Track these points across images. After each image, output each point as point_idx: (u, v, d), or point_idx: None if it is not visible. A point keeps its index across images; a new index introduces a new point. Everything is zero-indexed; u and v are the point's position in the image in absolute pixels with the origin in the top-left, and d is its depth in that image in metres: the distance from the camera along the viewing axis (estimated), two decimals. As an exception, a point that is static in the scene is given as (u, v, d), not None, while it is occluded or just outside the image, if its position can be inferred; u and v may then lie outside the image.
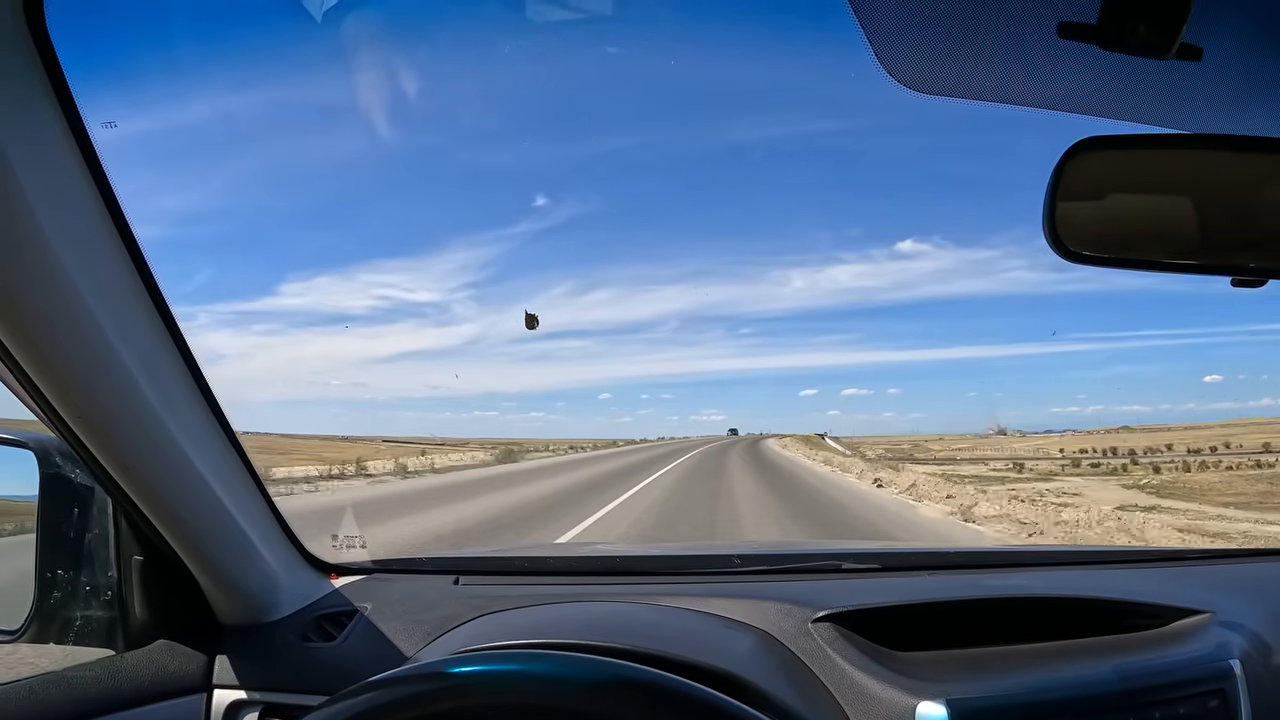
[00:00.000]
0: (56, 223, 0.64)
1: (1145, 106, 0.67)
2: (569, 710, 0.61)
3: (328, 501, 9.85)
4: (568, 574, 1.15)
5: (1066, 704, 0.82)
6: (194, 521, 0.87)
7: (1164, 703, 0.84)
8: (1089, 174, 0.61)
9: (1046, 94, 0.66)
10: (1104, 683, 0.84)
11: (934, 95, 0.62)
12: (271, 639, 0.97)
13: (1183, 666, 0.88)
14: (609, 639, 0.84)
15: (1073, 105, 0.67)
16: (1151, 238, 0.62)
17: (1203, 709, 0.85)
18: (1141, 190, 0.63)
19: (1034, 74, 0.64)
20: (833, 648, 0.88)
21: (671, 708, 0.59)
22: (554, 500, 9.53)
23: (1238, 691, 0.86)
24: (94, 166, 0.69)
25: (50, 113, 0.65)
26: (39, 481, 0.93)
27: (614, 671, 0.62)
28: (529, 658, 0.67)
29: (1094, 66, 0.65)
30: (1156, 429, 39.75)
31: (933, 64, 0.61)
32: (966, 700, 0.80)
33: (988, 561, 1.24)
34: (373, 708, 0.61)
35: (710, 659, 0.81)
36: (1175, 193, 0.62)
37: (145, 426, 0.78)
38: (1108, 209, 0.62)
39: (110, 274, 0.73)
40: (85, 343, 0.69)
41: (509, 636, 0.88)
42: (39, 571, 0.93)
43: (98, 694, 0.85)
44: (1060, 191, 0.60)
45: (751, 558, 1.16)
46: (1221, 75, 0.65)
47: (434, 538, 6.35)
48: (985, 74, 0.63)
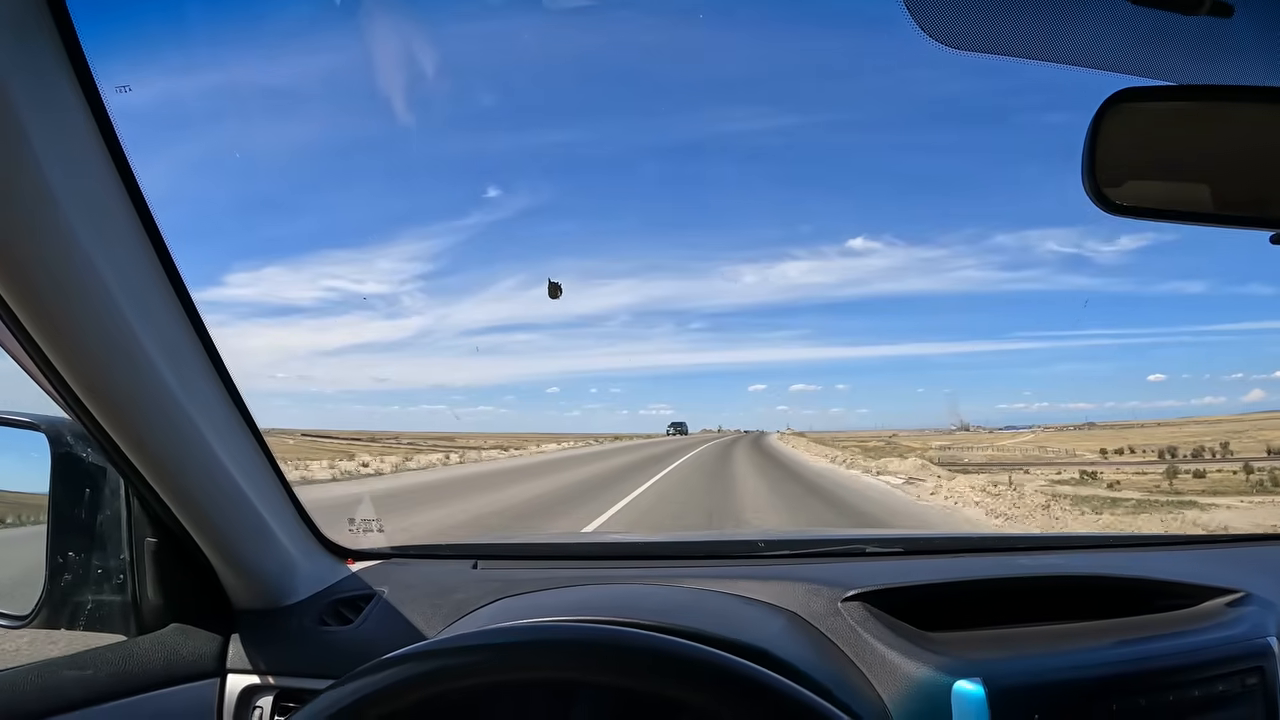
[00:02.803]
0: (75, 199, 0.63)
1: (1176, 64, 0.66)
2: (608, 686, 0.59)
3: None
4: (588, 559, 1.14)
5: (1105, 682, 0.80)
6: (209, 503, 0.85)
7: (1202, 681, 0.82)
8: (1128, 126, 0.60)
9: (1078, 50, 0.65)
10: (1142, 661, 0.82)
11: (965, 51, 0.62)
12: (287, 623, 0.95)
13: (1220, 645, 0.86)
14: (641, 618, 0.82)
15: (1103, 62, 0.66)
16: (1191, 191, 0.61)
17: (1241, 686, 0.83)
18: (1180, 143, 0.62)
19: (1066, 29, 0.64)
20: (863, 627, 0.87)
21: (727, 686, 0.57)
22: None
23: (1276, 669, 0.85)
24: (112, 144, 0.68)
25: (69, 89, 0.64)
26: (50, 464, 0.92)
27: (669, 648, 0.59)
28: (578, 630, 0.63)
29: (1125, 22, 0.65)
30: (1129, 425, 39.65)
31: (964, 17, 0.60)
32: (1004, 678, 0.78)
33: (1013, 546, 1.23)
34: (399, 680, 0.59)
35: (745, 637, 0.80)
36: (1216, 145, 0.61)
37: (162, 405, 0.76)
38: (1147, 162, 0.61)
39: (129, 254, 0.71)
40: (103, 320, 0.68)
41: (533, 617, 0.86)
42: (50, 555, 0.92)
43: (110, 678, 0.83)
44: (1099, 142, 0.59)
45: (775, 543, 1.15)
46: (1252, 32, 0.65)
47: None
48: (1017, 27, 0.62)
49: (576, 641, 0.60)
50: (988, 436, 39.99)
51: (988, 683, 0.76)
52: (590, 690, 0.67)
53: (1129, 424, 40.36)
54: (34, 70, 0.60)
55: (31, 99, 0.58)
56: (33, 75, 0.59)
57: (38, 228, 0.61)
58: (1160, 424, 39.12)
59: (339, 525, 1.18)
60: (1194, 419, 39.59)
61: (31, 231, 0.60)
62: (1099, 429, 39.82)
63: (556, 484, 11.09)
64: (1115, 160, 0.60)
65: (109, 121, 0.67)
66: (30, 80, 0.59)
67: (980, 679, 0.77)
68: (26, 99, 0.58)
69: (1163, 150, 0.62)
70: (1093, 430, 39.48)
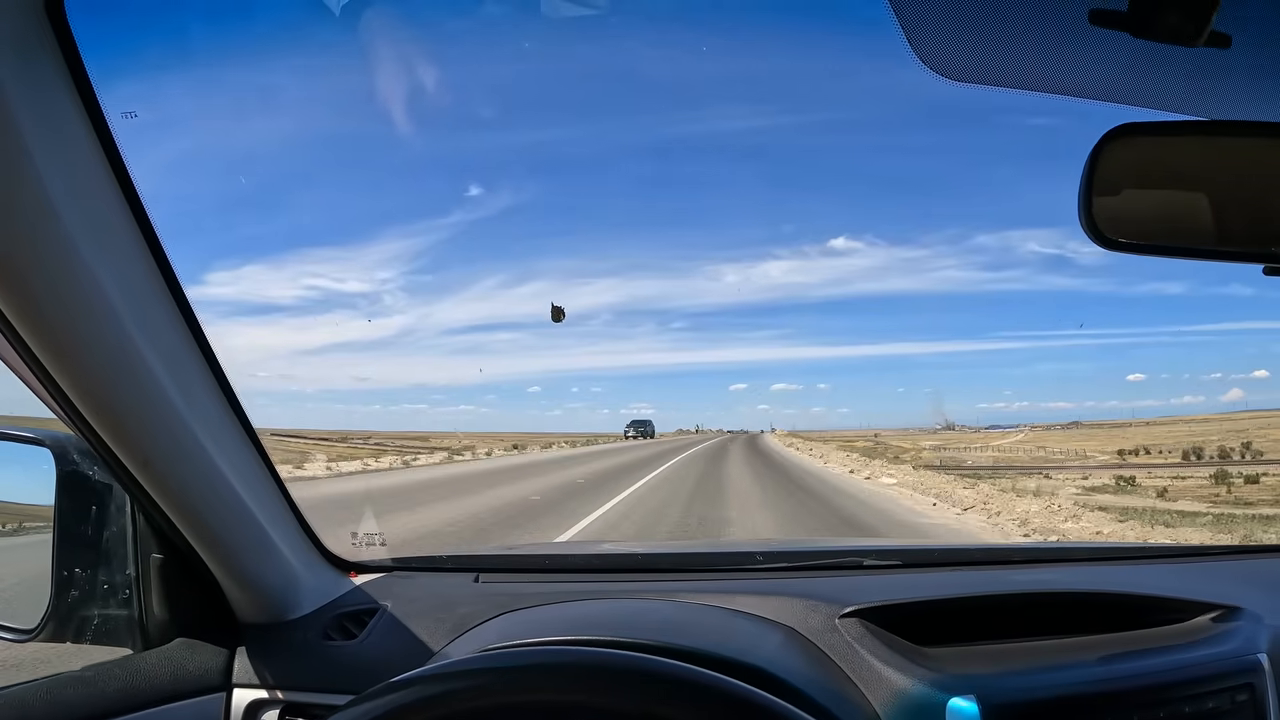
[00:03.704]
0: (77, 214, 0.63)
1: (1174, 94, 0.67)
2: (607, 710, 0.61)
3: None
4: (588, 571, 1.14)
5: (1097, 698, 0.81)
6: (214, 518, 0.86)
7: (1193, 697, 0.83)
8: (1125, 160, 0.61)
9: (1076, 81, 0.66)
10: (1133, 677, 0.83)
11: (965, 83, 0.62)
12: (292, 637, 0.96)
13: (1211, 661, 0.87)
14: (640, 636, 0.83)
15: (1101, 93, 0.67)
16: (1188, 225, 0.62)
17: (1231, 703, 0.84)
18: (1179, 177, 0.63)
19: (1064, 61, 0.64)
20: (860, 644, 0.88)
21: (721, 706, 0.58)
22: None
23: (1266, 685, 0.86)
24: (113, 157, 0.68)
25: (70, 103, 0.63)
26: (56, 479, 0.93)
27: (664, 670, 0.61)
28: (579, 654, 0.65)
29: (1123, 54, 0.65)
30: (1121, 424, 39.59)
31: (964, 51, 0.61)
32: (998, 695, 0.79)
33: (1011, 558, 1.24)
34: (406, 704, 0.60)
35: (742, 655, 0.81)
36: (1212, 179, 0.61)
37: (166, 421, 0.77)
38: (1144, 196, 0.62)
39: (131, 267, 0.72)
40: (106, 336, 0.68)
41: (535, 634, 0.87)
42: (56, 570, 0.92)
43: (116, 693, 0.84)
44: (1096, 178, 0.60)
45: (773, 555, 1.16)
46: (1250, 63, 0.65)
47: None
48: (1015, 60, 0.63)
49: (576, 665, 0.61)
50: (976, 436, 39.91)
51: (982, 699, 0.77)
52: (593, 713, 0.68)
53: (1121, 423, 40.42)
54: (34, 83, 0.59)
55: (32, 112, 0.58)
56: (33, 88, 0.59)
57: (39, 241, 0.61)
58: (1150, 423, 39.12)
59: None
60: (1180, 417, 39.63)
61: (33, 245, 0.60)
62: (1085, 428, 39.84)
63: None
64: (1112, 195, 0.61)
65: (110, 134, 0.67)
66: (31, 93, 0.59)
67: (974, 695, 0.78)
68: (27, 112, 0.58)
69: (1159, 185, 0.63)
70: (1079, 429, 39.49)
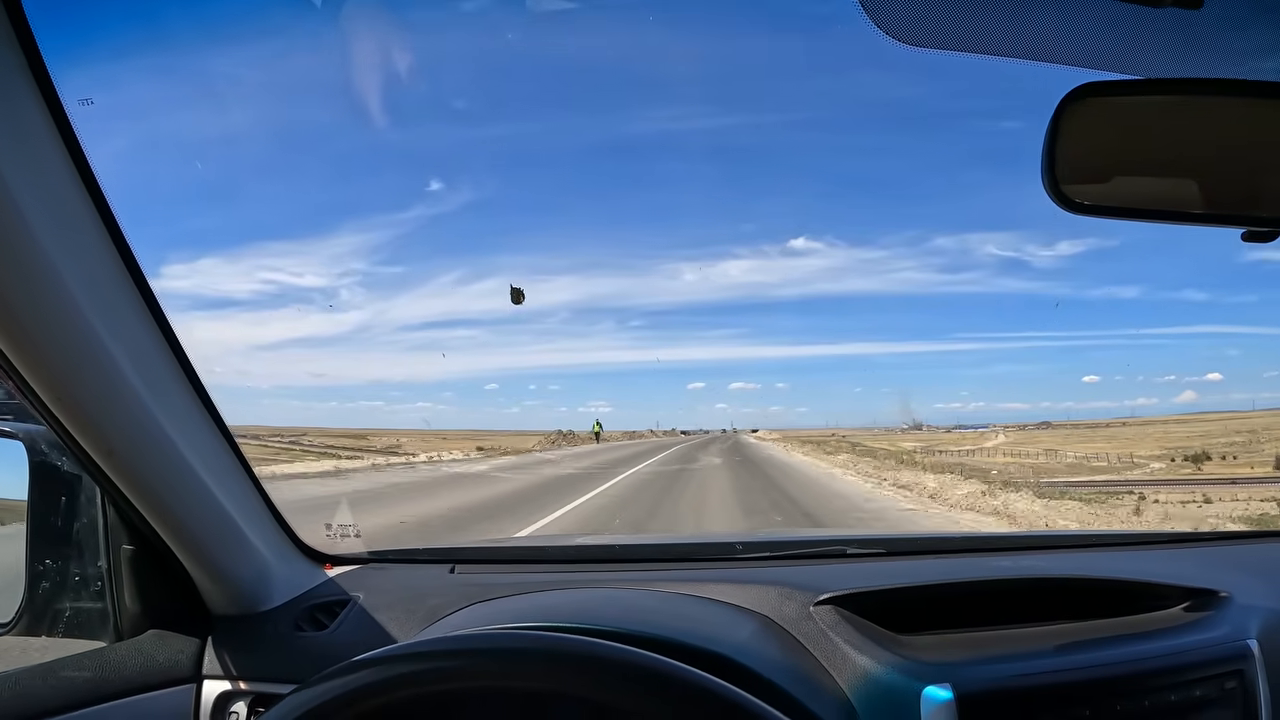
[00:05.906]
0: (35, 201, 0.62)
1: (1142, 58, 0.65)
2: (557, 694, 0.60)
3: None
4: (565, 562, 1.13)
5: (1077, 686, 0.79)
6: (181, 509, 0.85)
7: (1180, 685, 0.81)
8: (1089, 121, 0.58)
9: (1039, 45, 0.64)
10: (1117, 665, 0.81)
11: (924, 48, 0.60)
12: (263, 629, 0.95)
13: (1199, 647, 0.84)
14: (605, 623, 0.82)
15: (1066, 57, 0.64)
16: (1157, 188, 0.60)
17: (1220, 690, 0.82)
18: (1145, 139, 0.60)
19: (1028, 24, 0.62)
20: (834, 631, 0.86)
21: (669, 694, 0.57)
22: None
23: (1256, 673, 0.83)
24: (71, 143, 0.67)
25: (27, 89, 0.63)
26: (28, 472, 0.93)
27: (610, 654, 0.59)
28: (522, 638, 0.64)
29: (1089, 16, 0.63)
30: (1100, 424, 39.08)
31: (922, 12, 0.59)
32: (975, 682, 0.77)
33: (995, 545, 1.21)
34: (358, 687, 0.59)
35: (709, 643, 0.79)
36: (1181, 141, 0.59)
37: (132, 413, 0.76)
38: (1109, 158, 0.60)
39: (95, 259, 0.71)
40: (69, 326, 0.68)
41: (502, 623, 0.86)
42: (30, 563, 0.93)
43: (87, 684, 0.83)
44: (1060, 138, 0.58)
45: (754, 545, 1.14)
46: (1220, 24, 0.63)
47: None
48: (976, 23, 0.61)
49: (516, 649, 0.61)
50: (949, 436, 39.50)
51: (957, 687, 0.75)
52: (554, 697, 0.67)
53: (1099, 423, 39.88)
54: None
55: None
56: None
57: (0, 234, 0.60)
58: (1127, 423, 38.55)
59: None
60: (1175, 416, 39.10)
61: None
62: (1056, 428, 39.43)
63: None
64: (1076, 157, 0.59)
65: (68, 121, 0.66)
66: None
67: (950, 683, 0.76)
68: None
69: (1126, 146, 0.61)
70: (1051, 429, 39.09)
